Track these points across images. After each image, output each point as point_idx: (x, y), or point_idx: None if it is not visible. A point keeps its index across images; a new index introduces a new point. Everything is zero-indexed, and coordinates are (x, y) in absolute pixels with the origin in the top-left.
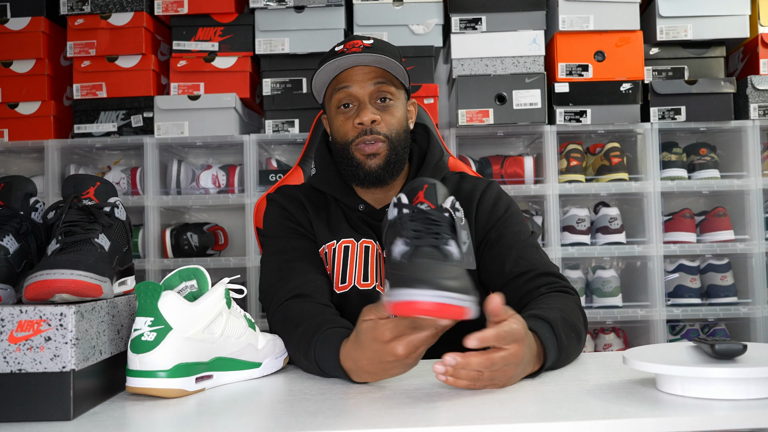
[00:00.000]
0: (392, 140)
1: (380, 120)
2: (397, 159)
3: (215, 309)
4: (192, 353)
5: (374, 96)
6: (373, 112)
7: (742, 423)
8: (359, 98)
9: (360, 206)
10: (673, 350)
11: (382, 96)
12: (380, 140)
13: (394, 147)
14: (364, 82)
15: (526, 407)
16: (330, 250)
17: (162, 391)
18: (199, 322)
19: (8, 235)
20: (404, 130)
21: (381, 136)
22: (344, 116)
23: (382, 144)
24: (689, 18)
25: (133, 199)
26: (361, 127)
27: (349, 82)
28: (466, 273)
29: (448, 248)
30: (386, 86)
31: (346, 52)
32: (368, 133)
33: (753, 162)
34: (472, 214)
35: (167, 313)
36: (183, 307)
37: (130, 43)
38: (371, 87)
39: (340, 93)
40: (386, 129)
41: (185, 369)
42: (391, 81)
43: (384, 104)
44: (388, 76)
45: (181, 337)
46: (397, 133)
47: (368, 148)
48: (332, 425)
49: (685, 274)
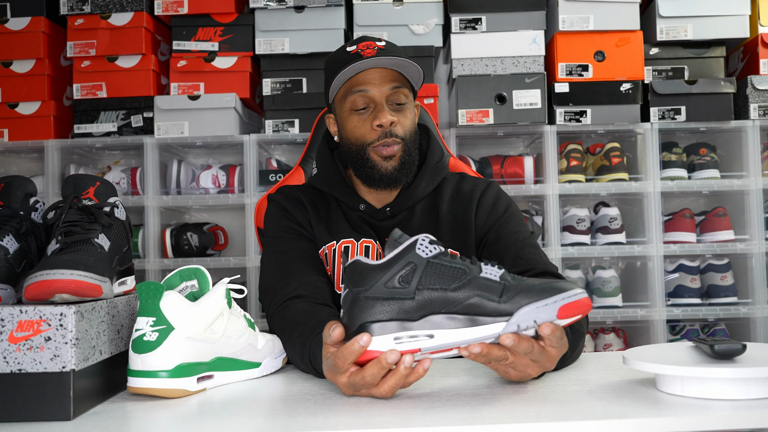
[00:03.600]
0: (407, 142)
1: (397, 122)
2: (410, 160)
3: (216, 309)
4: (193, 353)
5: (391, 99)
6: (391, 114)
7: (742, 423)
8: (376, 101)
9: (361, 206)
10: (673, 350)
11: (398, 100)
12: (397, 142)
13: (408, 148)
14: (381, 85)
15: (526, 407)
16: (330, 250)
17: (164, 391)
18: (200, 322)
19: (8, 235)
20: (415, 132)
21: (398, 138)
22: (359, 118)
23: (398, 146)
24: (689, 18)
25: (133, 199)
26: (380, 129)
27: (366, 86)
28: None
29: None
30: (402, 90)
31: (363, 54)
32: (388, 136)
33: (753, 162)
34: (472, 214)
35: (169, 313)
36: (185, 307)
37: (130, 43)
38: (388, 90)
39: (356, 96)
40: (402, 131)
41: (187, 369)
42: (405, 84)
43: (399, 107)
44: (402, 80)
45: (183, 337)
46: (410, 135)
47: (387, 150)
48: (332, 425)
49: (685, 274)
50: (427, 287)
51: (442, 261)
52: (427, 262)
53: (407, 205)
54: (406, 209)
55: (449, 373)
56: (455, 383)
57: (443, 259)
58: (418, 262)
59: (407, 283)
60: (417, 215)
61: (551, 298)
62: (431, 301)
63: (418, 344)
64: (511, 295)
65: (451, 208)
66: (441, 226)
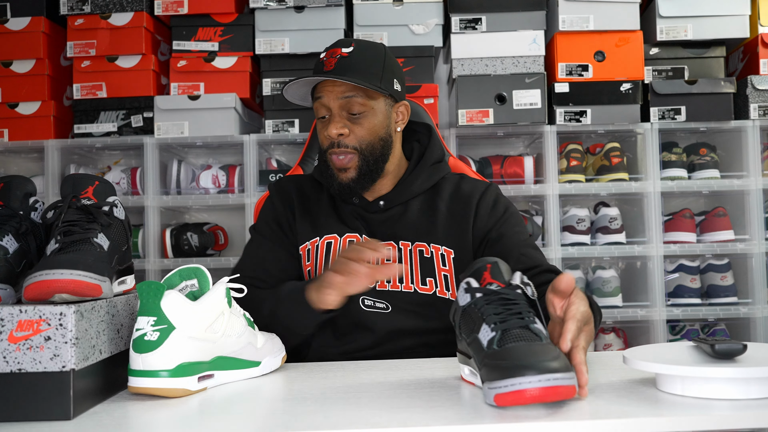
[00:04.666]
0: (363, 151)
1: (348, 133)
2: (370, 169)
3: (217, 308)
4: (194, 352)
5: (344, 107)
6: (342, 125)
7: (742, 423)
8: (331, 109)
9: (354, 199)
10: (673, 350)
11: (352, 110)
12: (349, 152)
13: (366, 158)
14: (334, 94)
15: (526, 407)
16: (313, 246)
17: (165, 390)
18: (201, 321)
19: (8, 235)
20: (380, 138)
21: (349, 148)
22: (321, 124)
23: (352, 155)
24: (689, 18)
25: (133, 199)
26: (329, 139)
27: (323, 93)
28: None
29: (536, 326)
30: (356, 99)
31: (325, 63)
32: (337, 146)
33: (753, 162)
34: (471, 215)
35: (170, 313)
36: (186, 307)
37: (130, 43)
38: (339, 99)
39: (317, 103)
40: (355, 141)
41: (188, 368)
42: (365, 92)
43: (354, 116)
44: (360, 88)
45: (184, 337)
46: (369, 144)
47: (338, 162)
48: (332, 425)
49: (685, 274)
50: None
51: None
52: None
53: (401, 199)
54: (400, 204)
55: (449, 372)
56: (455, 383)
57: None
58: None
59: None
60: (412, 211)
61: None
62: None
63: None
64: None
65: (450, 207)
66: (438, 224)
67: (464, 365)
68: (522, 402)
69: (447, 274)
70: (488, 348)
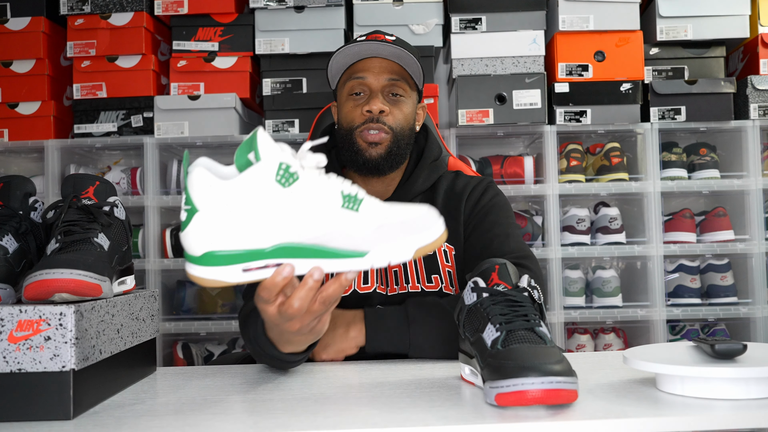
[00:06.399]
0: (396, 133)
1: (388, 112)
2: (398, 152)
3: (259, 188)
4: (231, 240)
5: (386, 89)
6: (383, 102)
7: (742, 423)
8: (372, 88)
9: None
10: (674, 350)
11: (394, 91)
12: (385, 131)
13: (397, 140)
14: (379, 74)
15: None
16: None
17: (196, 279)
18: (235, 204)
19: (7, 235)
20: (410, 128)
21: (386, 126)
22: (354, 103)
23: (386, 135)
24: (689, 18)
25: (133, 199)
26: (368, 114)
27: (365, 73)
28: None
29: (541, 329)
30: (400, 82)
31: (371, 40)
32: (375, 122)
33: (753, 162)
34: (462, 209)
35: (194, 192)
36: (211, 187)
37: (130, 43)
38: (385, 80)
39: (354, 81)
40: (393, 121)
41: (221, 258)
42: (406, 79)
43: (395, 98)
44: (403, 74)
45: (210, 222)
46: (402, 129)
47: (371, 137)
48: (332, 425)
49: (685, 274)
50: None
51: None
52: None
53: (405, 200)
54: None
55: (449, 372)
56: (455, 383)
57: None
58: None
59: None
60: None
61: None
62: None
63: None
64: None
65: (446, 204)
66: None
67: (465, 365)
68: (523, 403)
69: (450, 270)
70: (492, 348)
